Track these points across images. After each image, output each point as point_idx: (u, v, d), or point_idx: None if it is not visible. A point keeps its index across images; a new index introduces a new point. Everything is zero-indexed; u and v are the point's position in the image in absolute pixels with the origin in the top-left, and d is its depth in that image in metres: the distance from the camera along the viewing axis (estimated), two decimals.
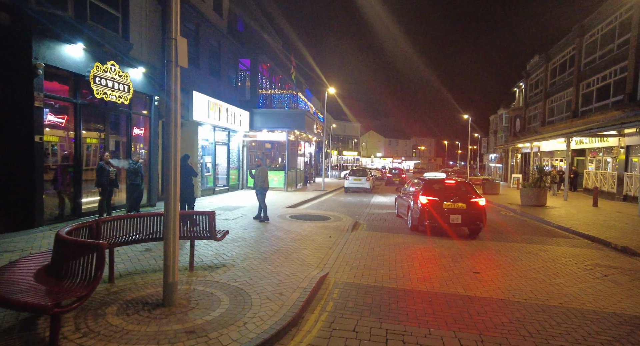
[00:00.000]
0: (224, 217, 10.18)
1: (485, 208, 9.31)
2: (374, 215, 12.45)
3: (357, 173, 22.77)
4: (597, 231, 9.82)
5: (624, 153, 18.08)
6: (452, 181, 10.18)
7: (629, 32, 18.64)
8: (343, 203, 16.18)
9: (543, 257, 7.23)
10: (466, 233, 9.44)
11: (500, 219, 12.42)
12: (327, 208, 14.05)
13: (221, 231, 5.62)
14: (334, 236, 8.45)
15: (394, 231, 9.52)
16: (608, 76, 20.63)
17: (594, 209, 14.93)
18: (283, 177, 19.66)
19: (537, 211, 13.99)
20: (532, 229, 10.66)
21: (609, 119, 19.29)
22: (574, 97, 24.44)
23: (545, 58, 30.55)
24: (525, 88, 37.65)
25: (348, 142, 66.48)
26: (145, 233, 4.92)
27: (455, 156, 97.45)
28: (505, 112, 46.52)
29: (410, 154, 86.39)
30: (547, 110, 30.22)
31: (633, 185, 17.25)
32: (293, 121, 19.34)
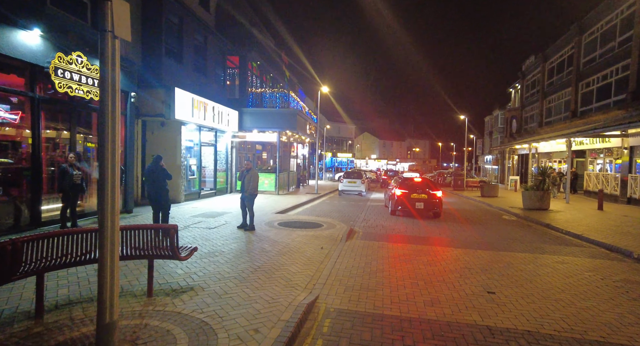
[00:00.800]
0: (204, 225, 9.19)
1: (442, 198, 13.02)
2: (370, 221, 11.54)
3: (352, 175, 21.89)
4: (612, 238, 9.01)
5: (627, 154, 17.41)
6: (420, 179, 14.16)
7: (631, 29, 18.02)
8: (337, 207, 15.26)
9: (562, 271, 6.36)
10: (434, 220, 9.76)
11: (505, 225, 11.58)
12: (319, 213, 13.12)
13: (187, 248, 4.66)
14: (326, 246, 7.51)
15: (393, 240, 8.61)
16: (609, 74, 20.00)
17: (599, 213, 14.19)
18: (274, 180, 18.69)
19: (542, 215, 13.19)
20: (540, 236, 9.82)
21: (612, 119, 18.63)
22: (573, 97, 23.82)
23: (542, 58, 29.97)
24: (521, 89, 37.13)
25: (342, 144, 65.64)
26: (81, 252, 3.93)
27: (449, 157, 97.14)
28: (501, 113, 46.01)
29: (405, 156, 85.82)
30: (545, 110, 29.62)
31: (638, 187, 16.56)
32: (284, 121, 18.40)
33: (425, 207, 12.39)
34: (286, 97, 18.82)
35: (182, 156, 13.70)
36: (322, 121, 49.39)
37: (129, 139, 10.91)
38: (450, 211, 14.82)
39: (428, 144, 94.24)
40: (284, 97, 18.94)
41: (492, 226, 11.19)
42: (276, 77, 23.91)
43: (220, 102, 16.45)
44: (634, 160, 17.25)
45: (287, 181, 20.99)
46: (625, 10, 18.85)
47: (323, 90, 21.12)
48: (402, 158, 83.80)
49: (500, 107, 47.24)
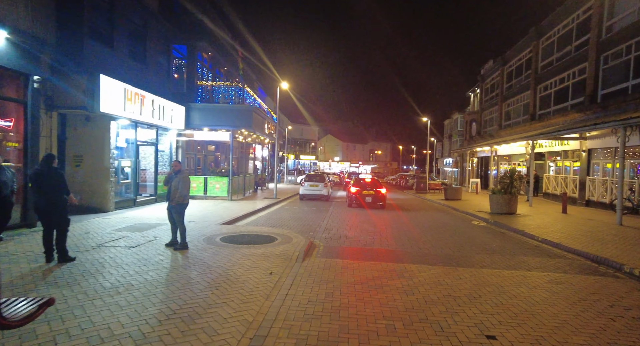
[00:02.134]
0: (124, 243, 7.28)
1: (386, 194, 16.61)
2: (333, 230, 10.11)
3: (314, 178, 20.46)
4: (592, 247, 8.22)
5: (585, 157, 17.42)
6: (370, 179, 18.12)
7: (587, 33, 18.16)
8: (297, 214, 13.71)
9: (562, 296, 5.26)
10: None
11: (478, 233, 10.62)
12: (276, 222, 11.51)
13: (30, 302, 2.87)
14: (277, 270, 5.95)
15: (359, 256, 7.21)
16: (566, 78, 20.17)
17: (565, 216, 13.78)
18: (227, 184, 16.80)
19: (511, 221, 12.48)
20: (518, 245, 8.88)
21: (571, 122, 18.68)
22: (532, 100, 24.03)
23: (501, 62, 30.37)
24: (480, 92, 37.73)
25: (305, 146, 64.24)
26: None
27: (410, 160, 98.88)
28: (461, 117, 46.79)
29: (367, 159, 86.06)
30: (504, 113, 29.99)
31: (596, 190, 16.52)
32: (239, 119, 16.59)
33: (372, 200, 16.11)
34: (241, 92, 17.04)
35: (112, 157, 11.54)
36: (284, 122, 47.69)
37: (32, 134, 8.70)
38: (418, 218, 13.79)
39: (389, 147, 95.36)
40: (238, 92, 17.14)
41: (465, 235, 10.17)
42: (231, 71, 21.99)
43: (164, 96, 14.37)
44: (592, 163, 17.29)
45: (243, 185, 19.15)
46: (581, 15, 19.04)
47: (282, 86, 19.54)
48: (364, 161, 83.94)
49: (459, 111, 48.08)
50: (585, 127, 13.64)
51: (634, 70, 14.96)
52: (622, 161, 11.31)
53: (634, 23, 15.04)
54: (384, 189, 16.53)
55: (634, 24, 14.98)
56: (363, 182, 17.31)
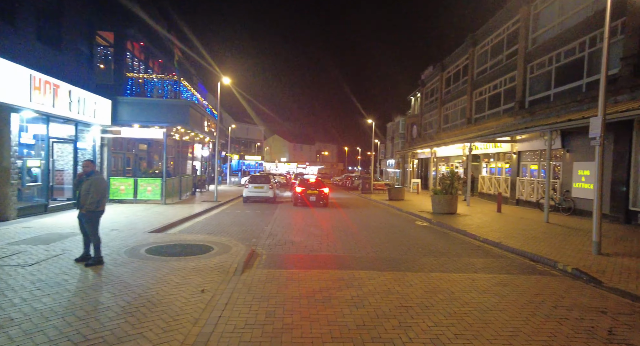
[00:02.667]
0: (20, 259, 5.96)
1: (328, 193, 17.91)
2: (278, 236, 9.46)
3: (259, 179, 19.55)
4: (529, 245, 8.54)
5: (516, 159, 18.69)
6: (314, 180, 19.56)
7: (516, 43, 19.54)
8: (239, 218, 12.81)
9: (512, 299, 5.17)
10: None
11: (422, 234, 10.63)
12: (214, 228, 10.54)
13: None
14: (210, 287, 5.17)
15: (305, 264, 6.66)
16: (499, 84, 21.58)
17: (500, 215, 14.53)
18: (160, 186, 15.31)
19: (453, 220, 12.82)
20: (462, 246, 8.97)
21: (502, 126, 19.98)
22: (469, 105, 25.44)
23: (440, 68, 31.88)
24: (421, 97, 39.38)
25: (251, 146, 62.48)
26: None
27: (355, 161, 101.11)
28: (402, 120, 48.60)
29: (314, 160, 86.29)
30: (443, 117, 31.51)
31: (525, 190, 17.78)
32: (174, 115, 15.20)
33: (316, 199, 17.37)
34: (177, 86, 15.64)
35: (13, 155, 9.75)
36: (227, 120, 45.77)
37: None
38: (364, 219, 13.63)
39: (336, 148, 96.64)
40: (174, 86, 15.72)
41: (411, 236, 10.11)
42: (167, 64, 20.28)
43: (85, 87, 12.65)
44: (521, 164, 18.60)
45: (179, 188, 17.68)
46: (511, 26, 20.47)
47: (224, 81, 18.36)
48: (311, 162, 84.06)
49: (401, 114, 49.92)
50: (517, 130, 14.50)
51: (555, 80, 16.31)
52: (549, 162, 12.12)
53: (555, 37, 16.39)
54: (327, 189, 17.94)
55: (555, 38, 16.33)
56: (307, 182, 18.59)
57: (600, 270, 6.46)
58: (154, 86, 15.51)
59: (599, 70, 13.83)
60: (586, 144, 13.65)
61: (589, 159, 13.55)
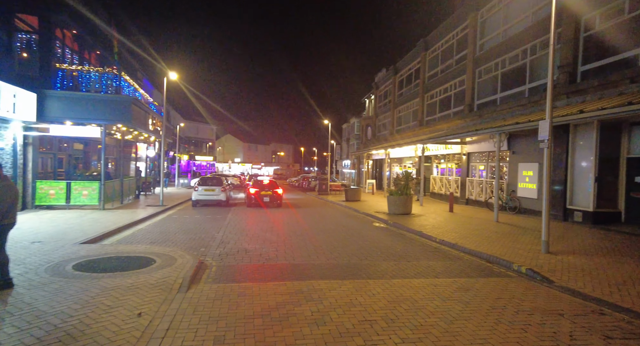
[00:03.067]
0: None
1: (282, 194, 18.22)
2: (230, 243, 8.78)
3: (210, 181, 18.48)
4: (484, 246, 8.68)
5: (465, 160, 19.45)
6: (268, 181, 19.48)
7: (465, 48, 20.37)
8: (187, 224, 11.86)
9: (475, 306, 5.05)
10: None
11: (380, 236, 10.50)
12: (158, 236, 9.59)
13: None
14: (149, 308, 4.47)
15: (260, 276, 6.11)
16: (449, 88, 22.39)
17: (452, 215, 14.93)
18: (97, 190, 13.83)
19: (408, 221, 12.90)
20: (420, 248, 8.91)
21: (453, 128, 20.73)
22: (420, 107, 26.18)
23: (393, 71, 32.60)
24: (375, 99, 40.11)
25: (202, 146, 59.86)
26: None
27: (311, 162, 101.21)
28: (357, 121, 49.26)
29: (269, 160, 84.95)
30: (396, 119, 32.24)
31: (474, 190, 18.54)
32: (114, 112, 13.79)
33: (270, 200, 17.61)
34: (117, 80, 14.22)
35: None
36: (176, 119, 43.41)
37: None
38: (322, 221, 13.28)
39: (292, 148, 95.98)
40: (114, 80, 14.27)
41: (369, 238, 9.91)
42: (106, 57, 18.50)
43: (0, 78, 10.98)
44: (470, 165, 19.39)
45: (121, 191, 16.18)
46: (460, 32, 21.32)
47: (171, 76, 17.07)
48: (267, 162, 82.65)
49: (356, 116, 50.58)
50: (468, 132, 14.99)
51: (501, 84, 17.16)
52: (498, 164, 12.60)
53: (500, 43, 17.25)
54: (281, 190, 18.33)
55: (500, 45, 17.18)
56: (261, 183, 18.79)
57: (551, 269, 6.62)
58: (91, 79, 13.97)
59: (540, 76, 14.73)
60: (530, 146, 14.47)
61: (532, 160, 14.33)
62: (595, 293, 5.40)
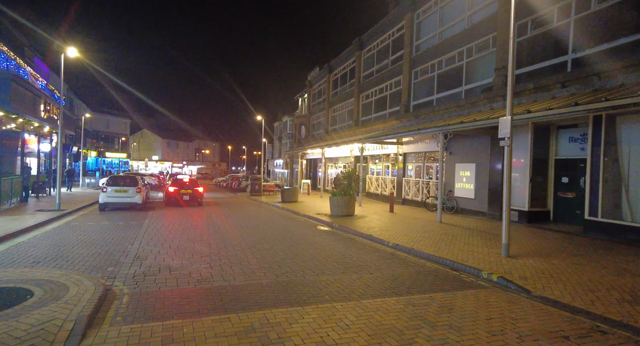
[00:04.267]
0: None
1: (203, 192, 18.23)
2: (149, 258, 6.90)
3: (121, 181, 15.63)
4: (442, 250, 8.14)
5: (402, 160, 19.51)
6: (188, 179, 20.26)
7: (402, 49, 20.48)
8: (91, 234, 9.44)
9: (469, 332, 4.21)
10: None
11: (329, 242, 9.44)
12: (47, 252, 7.24)
13: None
14: None
15: (186, 306, 4.54)
16: (385, 88, 22.40)
17: (394, 215, 14.58)
18: None
19: (353, 223, 12.12)
20: (375, 255, 8.05)
21: (389, 128, 20.70)
22: (356, 107, 25.96)
23: (327, 69, 32.06)
24: (308, 97, 39.32)
25: (113, 141, 53.07)
26: None
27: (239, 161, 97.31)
28: (290, 120, 48.02)
29: (192, 158, 79.27)
30: (330, 118, 31.78)
31: (410, 190, 18.63)
32: None
33: (190, 199, 17.43)
34: None
35: None
36: (80, 109, 37.50)
37: None
38: (261, 226, 11.79)
39: (218, 146, 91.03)
40: None
41: (319, 246, 8.78)
42: None
43: None
44: (407, 165, 19.50)
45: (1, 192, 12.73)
46: (396, 32, 21.42)
47: (69, 53, 13.84)
48: (189, 161, 76.98)
49: (289, 114, 49.32)
50: (409, 132, 14.77)
51: (438, 86, 17.43)
52: (442, 163, 12.46)
53: (436, 45, 17.51)
54: (202, 188, 18.34)
55: (437, 46, 17.45)
56: (181, 182, 18.56)
57: (521, 276, 6.18)
58: None
59: (475, 78, 15.10)
60: (467, 146, 14.73)
61: (469, 160, 14.61)
62: (576, 303, 4.96)
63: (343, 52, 28.89)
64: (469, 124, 11.28)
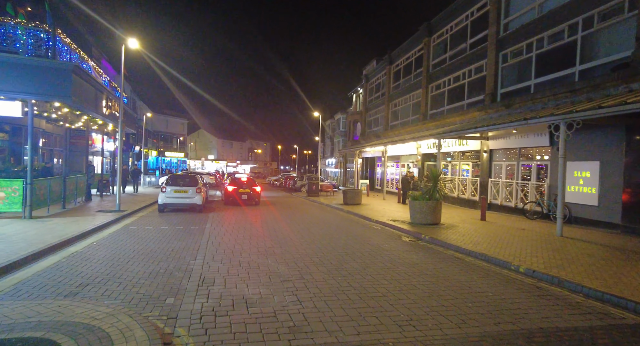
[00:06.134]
0: None
1: (260, 191, 18.26)
2: (217, 282, 5.36)
3: (181, 180, 14.73)
4: (613, 283, 5.75)
5: (487, 158, 16.74)
6: (246, 178, 19.13)
7: (484, 29, 17.65)
8: (148, 242, 8.22)
9: None
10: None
11: (432, 262, 7.36)
12: (97, 270, 5.97)
13: None
14: None
15: None
16: (462, 76, 19.63)
17: (490, 225, 12.10)
18: (20, 191, 9.91)
19: (446, 235, 9.91)
20: (515, 287, 5.88)
21: (470, 121, 18.00)
22: (423, 99, 23.36)
23: (387, 61, 29.65)
24: (364, 93, 37.09)
25: (172, 141, 54.85)
26: None
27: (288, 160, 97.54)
28: (343, 117, 46.18)
29: (246, 158, 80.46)
30: (391, 113, 29.36)
31: (500, 193, 15.81)
32: (45, 82, 9.83)
33: (248, 198, 17.21)
34: (49, 40, 10.25)
35: None
36: (142, 110, 38.60)
37: None
38: (337, 236, 9.98)
39: (269, 146, 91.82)
40: (45, 40, 10.30)
41: (420, 267, 6.76)
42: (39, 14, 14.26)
43: None
44: (493, 164, 16.69)
45: (63, 192, 12.21)
46: (476, 12, 18.59)
47: (130, 45, 13.04)
48: (242, 160, 78.18)
49: (342, 112, 47.48)
50: (511, 123, 12.13)
51: (536, 69, 14.49)
52: (564, 161, 9.77)
53: (535, 20, 14.55)
54: (259, 188, 18.15)
55: (535, 21, 14.49)
56: (240, 181, 18.22)
57: None
58: (9, 35, 9.94)
59: (597, 55, 12.02)
60: (585, 141, 11.79)
61: (588, 158, 11.68)
62: None
63: (406, 41, 26.37)
64: (614, 108, 8.51)
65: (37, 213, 10.70)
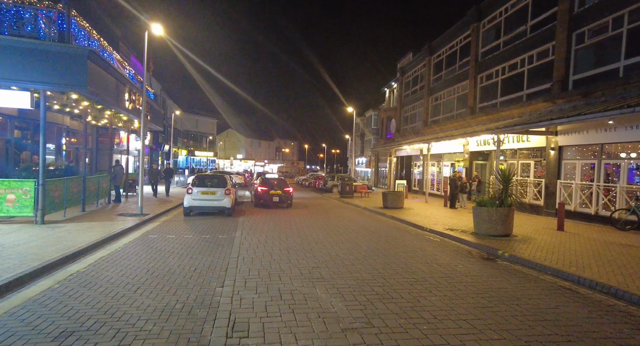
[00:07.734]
0: None
1: (292, 192, 16.96)
2: (255, 324, 3.76)
3: (209, 181, 13.42)
4: None
5: (555, 156, 14.35)
6: (277, 179, 18.47)
7: (551, 7, 15.23)
8: (168, 257, 6.77)
9: None
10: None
11: (529, 291, 5.44)
12: (93, 305, 4.52)
13: None
14: None
15: None
16: (520, 63, 17.21)
17: (570, 236, 9.94)
18: (32, 192, 8.80)
19: (525, 251, 7.90)
20: None
21: (533, 113, 15.65)
22: (471, 91, 21.01)
23: (427, 51, 27.37)
24: (399, 87, 34.86)
25: (201, 141, 54.72)
26: None
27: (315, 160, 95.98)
28: (375, 114, 44.04)
29: (273, 157, 79.84)
30: (431, 108, 27.07)
31: (573, 197, 13.40)
32: (58, 71, 8.66)
33: (280, 200, 16.12)
34: (63, 21, 9.07)
35: None
36: (170, 106, 38.21)
37: None
38: (386, 248, 8.18)
39: (296, 145, 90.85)
40: (58, 21, 9.14)
41: (510, 297, 4.88)
42: None
43: None
44: (563, 163, 14.29)
45: (82, 193, 11.14)
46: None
47: (154, 31, 11.76)
48: (270, 159, 77.59)
49: (373, 108, 45.34)
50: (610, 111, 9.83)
51: (627, 49, 12.03)
52: None
53: None
54: (291, 189, 17.08)
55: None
56: (271, 182, 17.32)
57: None
58: (19, 17, 8.83)
59: None
60: None
61: None
62: None
63: (450, 28, 24.04)
64: None
65: (52, 217, 9.62)
